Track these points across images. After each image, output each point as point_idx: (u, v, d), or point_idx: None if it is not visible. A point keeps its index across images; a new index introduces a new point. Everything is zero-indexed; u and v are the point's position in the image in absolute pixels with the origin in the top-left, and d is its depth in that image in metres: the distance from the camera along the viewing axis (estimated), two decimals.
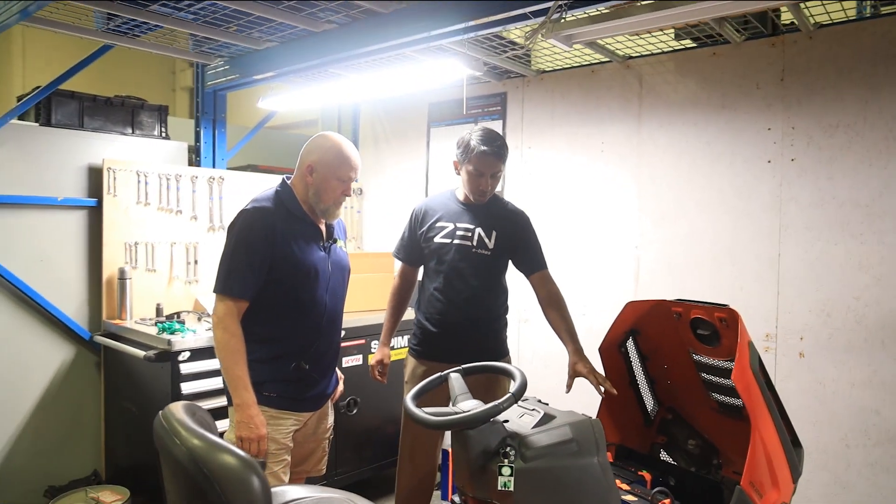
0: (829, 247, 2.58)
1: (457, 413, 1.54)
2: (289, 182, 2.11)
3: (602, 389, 2.14)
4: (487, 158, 2.38)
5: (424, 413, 1.55)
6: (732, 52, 2.81)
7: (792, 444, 2.02)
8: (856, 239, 2.53)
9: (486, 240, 2.46)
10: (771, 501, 1.88)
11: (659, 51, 3.01)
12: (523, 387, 1.56)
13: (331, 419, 2.30)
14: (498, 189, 3.56)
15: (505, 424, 1.58)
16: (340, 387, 2.34)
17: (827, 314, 2.59)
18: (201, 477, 1.12)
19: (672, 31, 2.84)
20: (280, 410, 2.04)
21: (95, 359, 3.27)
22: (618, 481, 1.97)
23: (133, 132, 3.43)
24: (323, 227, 2.14)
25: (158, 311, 3.21)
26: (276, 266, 1.98)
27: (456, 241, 2.46)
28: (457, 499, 1.68)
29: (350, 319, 3.36)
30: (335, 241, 2.18)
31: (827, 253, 2.59)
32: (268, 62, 3.17)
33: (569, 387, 2.23)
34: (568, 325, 2.38)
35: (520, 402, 1.71)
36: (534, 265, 2.51)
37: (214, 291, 1.97)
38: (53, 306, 3.10)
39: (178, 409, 1.29)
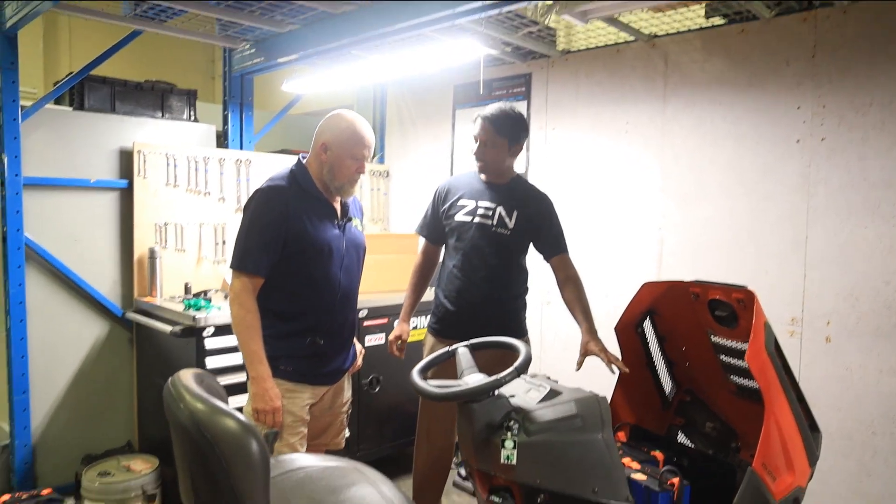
0: (859, 229, 2.50)
1: (461, 386, 1.55)
2: (304, 161, 2.14)
3: (614, 368, 2.13)
4: (480, 123, 2.42)
5: (429, 385, 1.57)
6: (762, 28, 2.72)
7: (809, 427, 1.98)
8: (887, 222, 2.44)
9: (507, 219, 2.45)
10: (785, 485, 1.84)
11: (686, 29, 2.94)
12: (527, 361, 1.57)
13: (348, 393, 2.34)
14: (521, 170, 3.56)
15: (510, 399, 1.59)
16: (359, 361, 2.38)
17: (855, 298, 2.52)
18: (203, 440, 1.15)
19: (699, 7, 2.77)
20: (296, 384, 2.09)
21: (128, 335, 3.39)
22: (628, 460, 1.97)
23: (163, 116, 3.51)
24: (338, 206, 2.17)
25: (187, 290, 3.30)
26: (290, 243, 2.02)
27: (476, 220, 2.47)
28: (462, 471, 1.70)
29: (373, 299, 3.41)
30: (350, 219, 2.20)
31: (856, 236, 2.51)
32: (291, 45, 3.21)
33: (579, 364, 2.23)
34: (583, 304, 2.37)
35: (527, 378, 1.72)
36: (554, 248, 2.50)
37: (231, 267, 2.03)
38: (88, 284, 3.21)
39: (186, 375, 1.33)
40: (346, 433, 2.38)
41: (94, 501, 2.82)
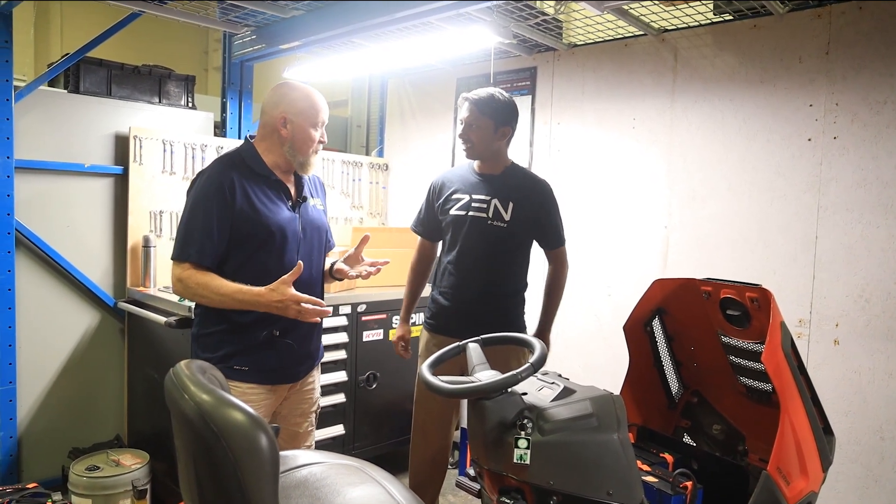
0: (871, 229, 2.46)
1: (473, 382, 1.49)
2: (251, 141, 2.01)
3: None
4: (463, 104, 2.41)
5: (440, 381, 1.51)
6: (775, 24, 2.68)
7: (823, 431, 1.93)
8: None
9: (503, 212, 2.40)
10: (798, 489, 1.80)
11: (696, 23, 2.89)
12: (543, 357, 1.51)
13: (317, 392, 2.20)
14: (524, 163, 3.50)
15: (523, 397, 1.53)
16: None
17: (865, 300, 2.48)
18: (209, 433, 1.09)
19: (711, 2, 2.72)
20: (253, 385, 1.92)
21: (119, 325, 3.31)
22: (638, 462, 1.92)
23: (160, 101, 3.43)
24: (291, 186, 2.02)
25: None
26: (239, 227, 1.86)
27: (471, 214, 2.41)
28: (471, 471, 1.64)
29: (371, 294, 3.35)
30: (305, 198, 2.04)
31: (868, 236, 2.47)
32: (294, 31, 3.13)
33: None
34: (548, 309, 2.56)
35: (539, 376, 1.67)
36: (552, 242, 2.50)
37: (172, 258, 1.86)
38: (80, 272, 3.13)
39: (189, 365, 1.26)
40: (314, 437, 2.22)
41: (81, 496, 2.74)
